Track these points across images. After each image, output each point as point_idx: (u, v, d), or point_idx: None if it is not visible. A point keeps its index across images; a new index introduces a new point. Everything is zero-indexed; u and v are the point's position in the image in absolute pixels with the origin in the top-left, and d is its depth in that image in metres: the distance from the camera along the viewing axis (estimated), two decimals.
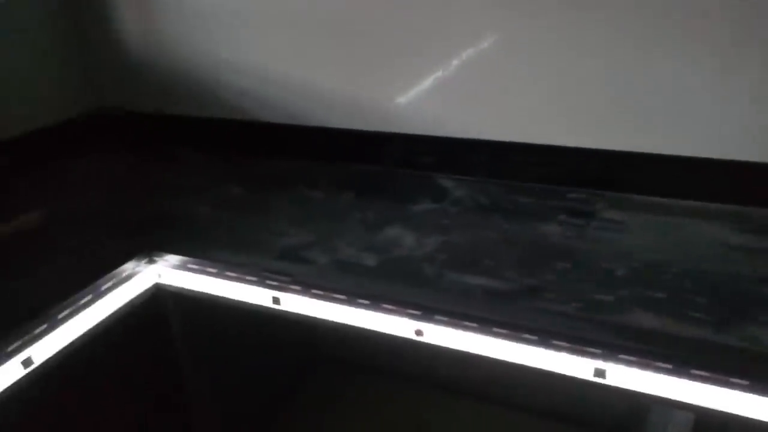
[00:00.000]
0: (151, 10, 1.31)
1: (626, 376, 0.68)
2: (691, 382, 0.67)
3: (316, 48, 1.19)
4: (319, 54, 1.20)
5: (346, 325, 0.84)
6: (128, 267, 0.92)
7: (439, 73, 1.12)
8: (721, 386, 0.66)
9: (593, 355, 0.69)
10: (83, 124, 1.40)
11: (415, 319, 0.78)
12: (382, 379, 1.64)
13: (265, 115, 1.29)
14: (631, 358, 0.68)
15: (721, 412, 0.67)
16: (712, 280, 0.80)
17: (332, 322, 0.84)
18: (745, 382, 0.64)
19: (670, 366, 0.66)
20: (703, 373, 0.66)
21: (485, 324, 0.74)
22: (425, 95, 1.14)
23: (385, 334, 0.81)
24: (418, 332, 0.79)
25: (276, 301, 0.87)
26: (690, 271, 0.82)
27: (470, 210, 1.03)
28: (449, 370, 1.56)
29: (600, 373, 0.69)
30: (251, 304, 0.89)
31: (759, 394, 0.64)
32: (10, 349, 0.75)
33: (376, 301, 0.81)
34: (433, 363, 1.56)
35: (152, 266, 0.94)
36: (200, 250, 0.93)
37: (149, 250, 0.95)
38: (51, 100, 1.35)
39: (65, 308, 0.83)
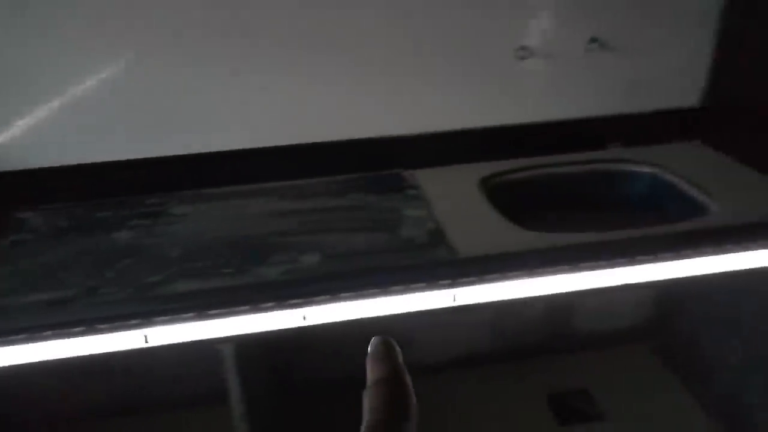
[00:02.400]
0: None
1: (166, 336, 0.85)
2: (230, 318, 0.87)
3: None
4: None
5: None
6: None
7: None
8: (242, 315, 0.88)
9: (137, 326, 0.84)
10: None
11: None
12: None
13: None
14: (167, 318, 0.84)
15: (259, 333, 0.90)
16: (246, 241, 1.03)
17: None
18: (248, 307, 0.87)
19: (193, 314, 0.85)
20: (222, 310, 0.86)
21: (39, 330, 0.82)
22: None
23: None
24: None
25: None
26: (228, 239, 1.04)
27: (45, 236, 1.09)
28: None
29: (145, 339, 0.85)
30: None
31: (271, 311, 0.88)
32: None
33: None
34: None
35: None
36: None
37: None
38: None
39: None
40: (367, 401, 0.31)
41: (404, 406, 0.31)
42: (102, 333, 0.83)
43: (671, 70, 1.35)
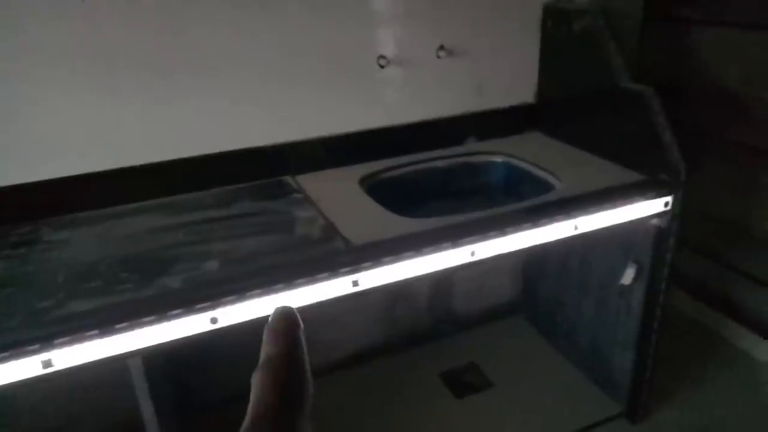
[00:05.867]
0: None
1: (67, 359, 0.82)
2: (138, 330, 0.86)
3: None
4: None
5: None
6: None
7: None
8: (150, 325, 0.87)
9: (37, 351, 0.80)
10: None
11: None
12: None
13: None
14: (68, 338, 0.81)
15: (164, 343, 0.89)
16: (135, 258, 1.02)
17: None
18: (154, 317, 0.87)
19: (97, 331, 0.83)
20: (128, 323, 0.85)
21: None
22: None
23: None
24: None
25: None
26: (118, 258, 1.01)
27: None
28: None
29: (47, 363, 0.81)
30: None
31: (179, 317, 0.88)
32: None
33: None
34: None
35: None
36: None
37: None
38: None
39: None
40: (256, 384, 0.27)
41: (298, 391, 0.27)
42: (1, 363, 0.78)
43: (509, 72, 1.56)
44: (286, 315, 0.30)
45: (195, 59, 1.21)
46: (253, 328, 0.95)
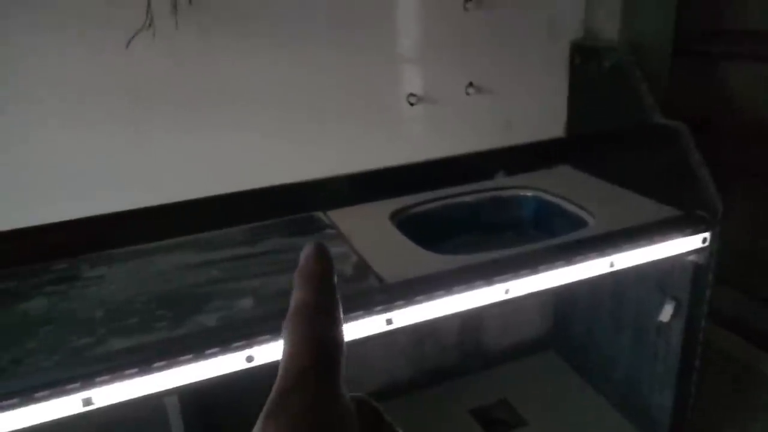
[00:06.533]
0: None
1: (107, 397, 0.83)
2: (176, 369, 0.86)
3: None
4: None
5: None
6: None
7: None
8: (186, 364, 0.87)
9: (75, 390, 0.81)
10: None
11: None
12: None
13: None
14: (107, 377, 0.82)
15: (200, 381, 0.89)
16: (170, 295, 1.03)
17: None
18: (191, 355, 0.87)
19: (135, 369, 0.83)
20: (166, 361, 0.86)
21: None
22: None
23: None
24: None
25: None
26: (154, 295, 1.03)
27: None
28: None
29: (87, 401, 0.82)
30: None
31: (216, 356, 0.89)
32: None
33: None
34: None
35: None
36: None
37: None
38: None
39: None
40: (288, 338, 0.24)
41: (333, 348, 0.24)
42: (39, 402, 0.78)
43: (538, 108, 1.56)
44: (320, 256, 0.26)
45: (225, 96, 1.24)
46: None
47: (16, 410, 0.79)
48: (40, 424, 0.80)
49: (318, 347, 0.24)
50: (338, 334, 0.25)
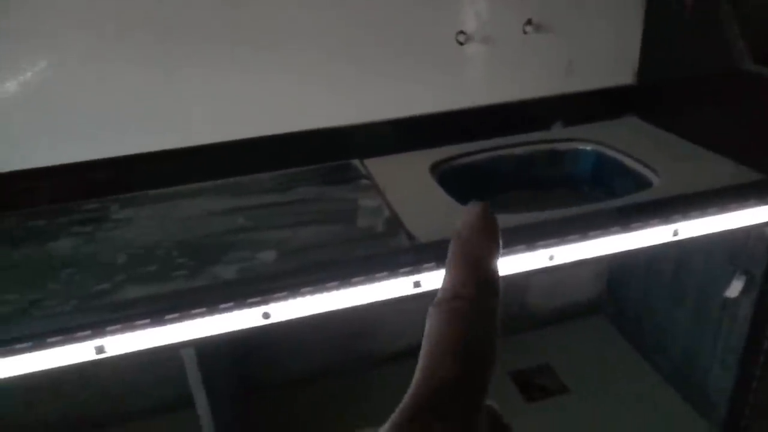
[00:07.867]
0: None
1: (119, 346, 0.80)
2: (189, 321, 0.83)
3: None
4: None
5: None
6: None
7: None
8: (200, 318, 0.84)
9: (89, 337, 0.79)
10: None
11: None
12: None
13: None
14: (118, 326, 0.80)
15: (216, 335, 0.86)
16: (195, 242, 0.99)
17: None
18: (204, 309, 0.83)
19: (148, 320, 0.81)
20: (179, 314, 0.83)
21: None
22: None
23: None
24: None
25: None
26: (177, 241, 0.99)
27: None
28: None
29: (100, 349, 0.80)
30: None
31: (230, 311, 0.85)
32: None
33: None
34: None
35: None
36: None
37: None
38: None
39: None
40: (433, 333, 0.21)
41: (490, 352, 0.21)
42: (52, 347, 0.77)
43: (605, 50, 1.39)
44: (489, 233, 0.22)
45: (258, 33, 1.16)
46: (308, 321, 0.90)
47: (31, 353, 0.78)
48: (57, 368, 0.79)
49: (472, 350, 0.21)
50: (495, 336, 0.21)
